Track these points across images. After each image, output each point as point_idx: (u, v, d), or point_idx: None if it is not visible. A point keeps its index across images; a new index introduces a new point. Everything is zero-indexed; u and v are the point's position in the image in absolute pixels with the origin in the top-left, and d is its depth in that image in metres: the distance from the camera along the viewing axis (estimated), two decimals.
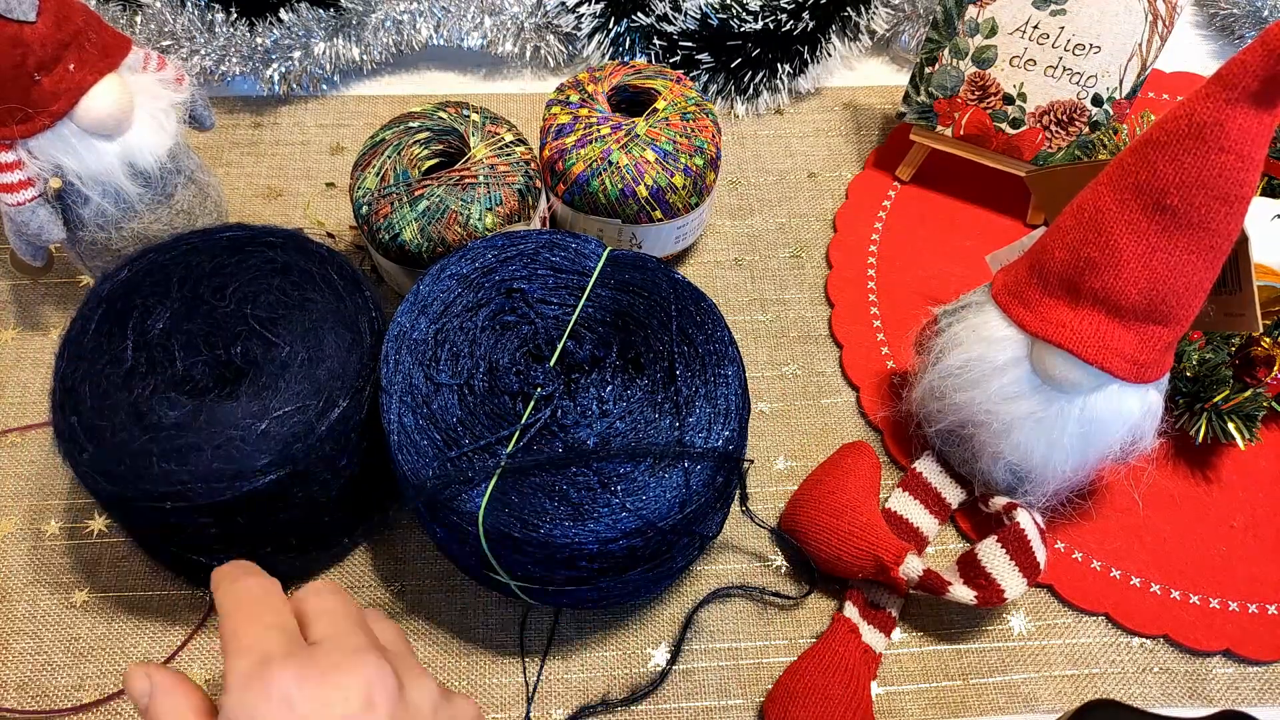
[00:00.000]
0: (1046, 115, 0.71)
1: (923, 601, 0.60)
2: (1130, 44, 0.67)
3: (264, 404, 0.50)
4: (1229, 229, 0.47)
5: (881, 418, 0.67)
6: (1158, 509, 0.63)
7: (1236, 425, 0.61)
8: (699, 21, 0.79)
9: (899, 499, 0.62)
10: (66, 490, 0.62)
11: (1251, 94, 0.44)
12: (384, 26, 0.82)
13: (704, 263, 0.75)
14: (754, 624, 0.59)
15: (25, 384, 0.66)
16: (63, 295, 0.71)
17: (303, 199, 0.77)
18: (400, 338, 0.53)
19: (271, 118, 0.82)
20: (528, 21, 0.84)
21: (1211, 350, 0.62)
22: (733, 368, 0.53)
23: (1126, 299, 0.49)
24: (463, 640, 0.58)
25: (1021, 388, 0.54)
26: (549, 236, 0.57)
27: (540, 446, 0.49)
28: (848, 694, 0.54)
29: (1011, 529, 0.56)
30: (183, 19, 0.79)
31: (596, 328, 0.54)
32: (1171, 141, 0.46)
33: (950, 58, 0.72)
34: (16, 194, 0.56)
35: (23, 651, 0.56)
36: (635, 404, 0.51)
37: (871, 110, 0.85)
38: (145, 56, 0.60)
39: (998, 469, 0.58)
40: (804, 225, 0.77)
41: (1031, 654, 0.59)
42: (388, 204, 0.61)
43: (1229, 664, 0.59)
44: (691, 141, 0.65)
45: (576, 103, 0.67)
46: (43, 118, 0.54)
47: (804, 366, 0.70)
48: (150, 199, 0.61)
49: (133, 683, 0.37)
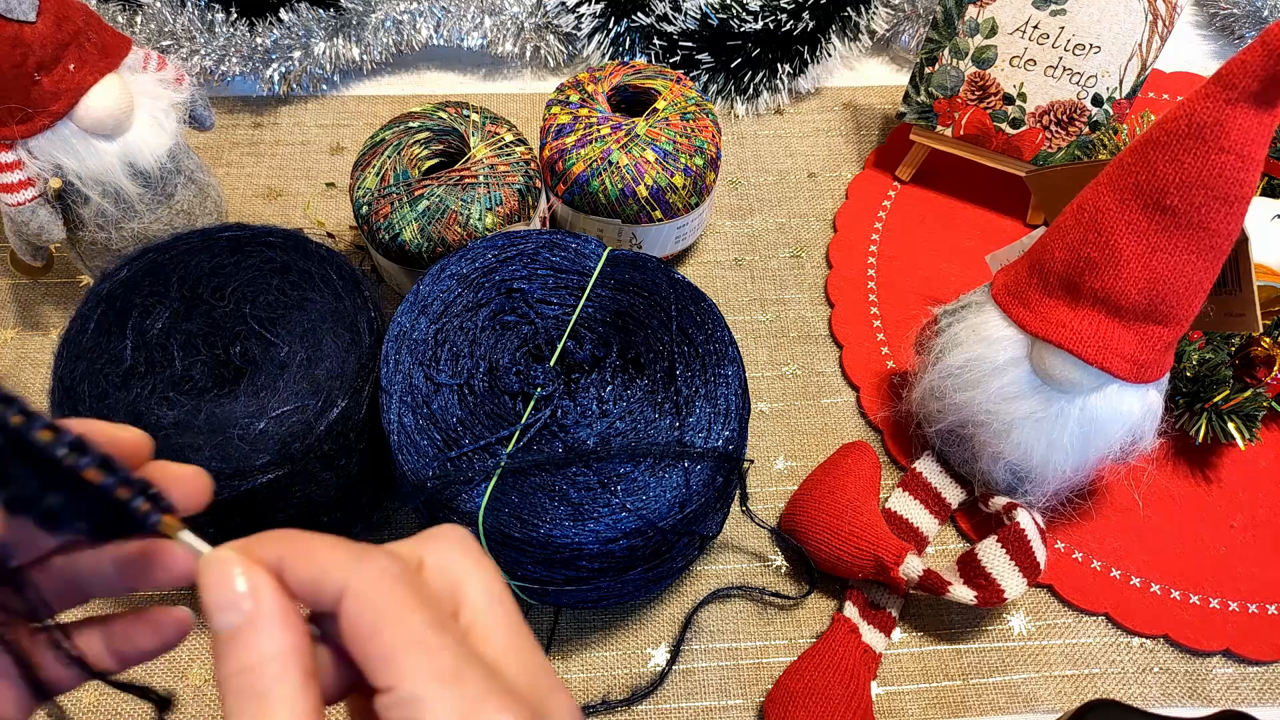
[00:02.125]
0: (1046, 115, 0.71)
1: (923, 601, 0.60)
2: (1130, 44, 0.67)
3: (262, 404, 0.50)
4: (1229, 229, 0.47)
5: (881, 418, 0.67)
6: (1158, 509, 0.63)
7: (1236, 425, 0.61)
8: (699, 21, 0.79)
9: (899, 499, 0.62)
10: None
11: (1251, 94, 0.44)
12: (384, 26, 0.82)
13: (704, 263, 0.75)
14: (754, 624, 0.59)
15: (25, 384, 0.66)
16: (63, 295, 0.71)
17: (303, 199, 0.77)
18: (400, 338, 0.53)
19: (271, 118, 0.82)
20: (528, 21, 0.84)
21: (1211, 350, 0.62)
22: (733, 368, 0.53)
23: (1126, 299, 0.49)
24: None
25: (1021, 388, 0.54)
26: (549, 236, 0.57)
27: (540, 446, 0.49)
28: (848, 694, 0.54)
29: (1011, 529, 0.56)
30: (183, 19, 0.79)
31: (596, 328, 0.54)
32: (1171, 141, 0.46)
33: (950, 58, 0.72)
34: (16, 194, 0.56)
35: None
36: (635, 404, 0.51)
37: (871, 110, 0.85)
38: (145, 56, 0.60)
39: (998, 469, 0.58)
40: (804, 225, 0.77)
41: (1031, 654, 0.59)
42: (388, 204, 0.61)
43: (1229, 664, 0.59)
44: (691, 141, 0.65)
45: (576, 103, 0.67)
46: (43, 118, 0.54)
47: (804, 366, 0.70)
48: (150, 199, 0.61)
49: (218, 586, 0.26)
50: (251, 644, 0.25)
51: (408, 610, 0.25)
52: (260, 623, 0.25)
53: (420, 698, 0.24)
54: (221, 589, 0.25)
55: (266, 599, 0.25)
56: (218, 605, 0.25)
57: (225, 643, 0.25)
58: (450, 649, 0.25)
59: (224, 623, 0.25)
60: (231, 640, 0.25)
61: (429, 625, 0.25)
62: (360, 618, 0.25)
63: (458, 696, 0.24)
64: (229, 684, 0.25)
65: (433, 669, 0.24)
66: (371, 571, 0.26)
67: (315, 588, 0.26)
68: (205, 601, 0.26)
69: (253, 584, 0.26)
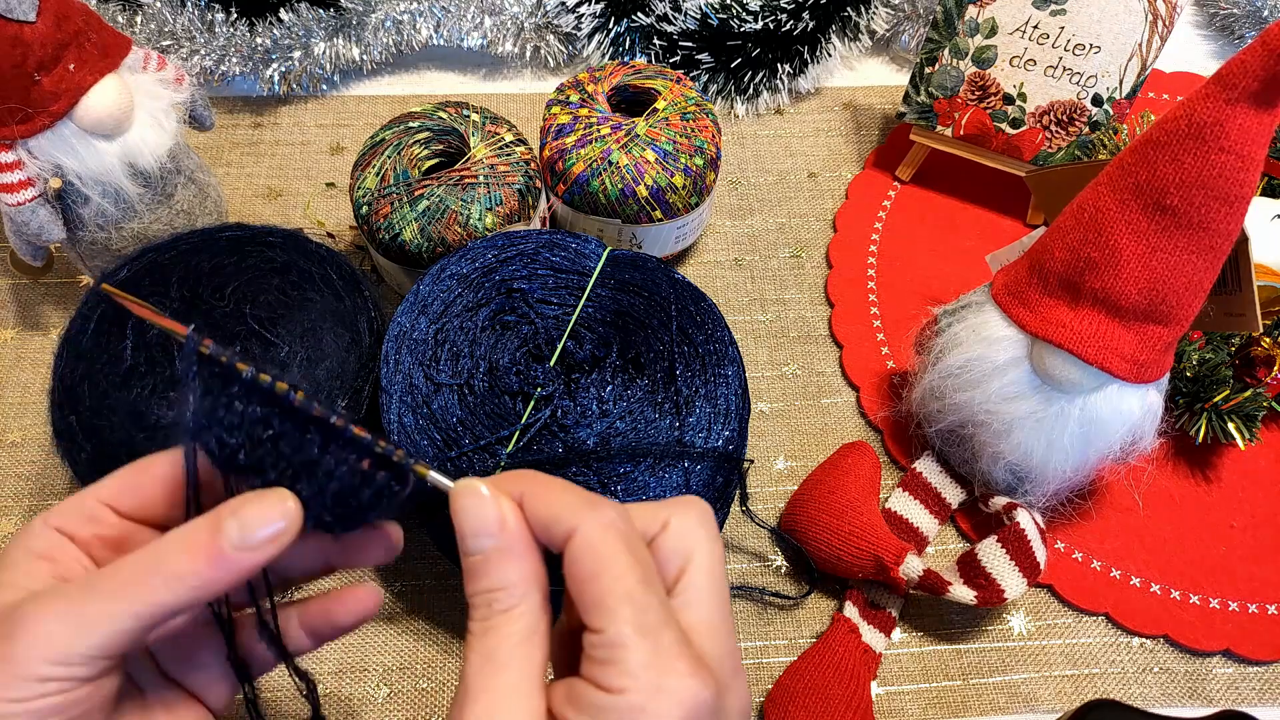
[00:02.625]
0: (1046, 115, 0.71)
1: (923, 601, 0.60)
2: (1130, 44, 0.67)
3: None
4: (1229, 229, 0.47)
5: (881, 418, 0.67)
6: (1158, 509, 0.63)
7: (1236, 425, 0.61)
8: (699, 21, 0.79)
9: (899, 499, 0.62)
10: (66, 490, 0.62)
11: (1251, 94, 0.44)
12: (384, 26, 0.82)
13: (704, 263, 0.75)
14: (754, 624, 0.59)
15: (25, 384, 0.66)
16: (63, 295, 0.71)
17: (303, 199, 0.77)
18: (400, 338, 0.53)
19: (271, 118, 0.82)
20: (528, 21, 0.84)
21: (1211, 350, 0.62)
22: (733, 368, 0.53)
23: (1126, 299, 0.49)
24: (463, 641, 0.58)
25: (1021, 388, 0.54)
26: (549, 236, 0.57)
27: (540, 446, 0.49)
28: (848, 694, 0.54)
29: (1011, 529, 0.56)
30: (183, 19, 0.79)
31: (596, 328, 0.54)
32: (1171, 141, 0.46)
33: (950, 58, 0.72)
34: (16, 194, 0.56)
35: None
36: (635, 404, 0.51)
37: (871, 110, 0.85)
38: (145, 56, 0.60)
39: (998, 469, 0.58)
40: (804, 225, 0.77)
41: (1031, 654, 0.59)
42: (388, 204, 0.61)
43: (1229, 664, 0.59)
44: (691, 141, 0.65)
45: (576, 103, 0.67)
46: (43, 118, 0.54)
47: (804, 366, 0.70)
48: (150, 199, 0.61)
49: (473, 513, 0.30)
50: (502, 567, 0.29)
51: (624, 565, 0.29)
52: (512, 548, 0.29)
53: (623, 644, 0.28)
54: (477, 516, 0.30)
55: (514, 528, 0.30)
56: (472, 530, 0.30)
57: (477, 565, 0.30)
58: (654, 609, 0.28)
59: (476, 546, 0.30)
60: (484, 562, 0.30)
61: (640, 582, 0.28)
62: (582, 561, 0.29)
63: (654, 650, 0.28)
64: (479, 599, 0.30)
65: (637, 621, 0.28)
66: (600, 521, 0.29)
67: (548, 525, 0.30)
68: (461, 526, 0.30)
69: (504, 514, 0.30)
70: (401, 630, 0.58)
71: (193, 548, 0.29)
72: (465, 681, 0.29)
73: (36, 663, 0.28)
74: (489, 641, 0.29)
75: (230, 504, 0.30)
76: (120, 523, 0.33)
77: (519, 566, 0.30)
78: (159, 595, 0.29)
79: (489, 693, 0.28)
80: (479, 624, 0.29)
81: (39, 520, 0.32)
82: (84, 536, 0.32)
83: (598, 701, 0.28)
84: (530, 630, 0.29)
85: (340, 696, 0.56)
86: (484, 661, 0.29)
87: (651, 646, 0.28)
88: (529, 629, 0.29)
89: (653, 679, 0.27)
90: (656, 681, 0.27)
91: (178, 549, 0.29)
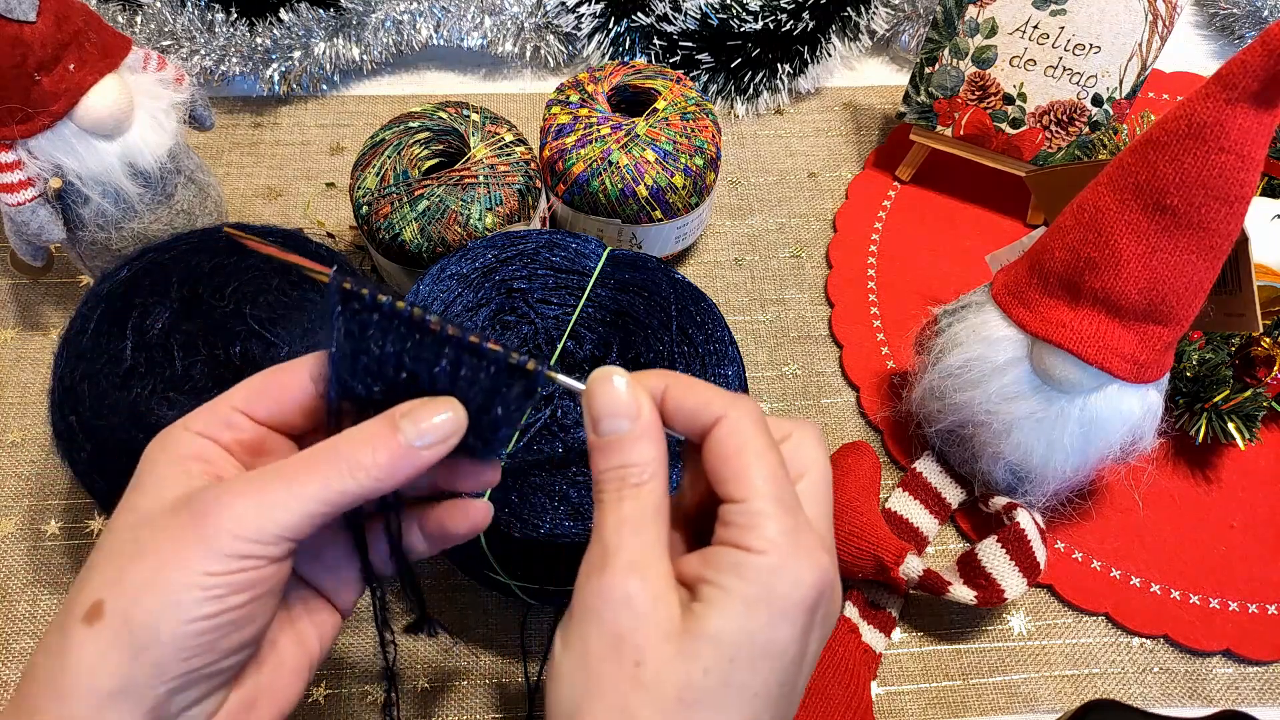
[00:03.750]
0: (1046, 115, 0.71)
1: (923, 601, 0.60)
2: (1130, 44, 0.67)
3: None
4: (1229, 229, 0.47)
5: (881, 418, 0.67)
6: (1158, 509, 0.63)
7: (1236, 425, 0.61)
8: (699, 21, 0.79)
9: (899, 499, 0.62)
10: (66, 490, 0.62)
11: (1251, 94, 0.44)
12: (384, 26, 0.82)
13: (704, 263, 0.75)
14: None
15: (25, 384, 0.66)
16: (63, 295, 0.71)
17: (303, 199, 0.77)
18: None
19: (271, 118, 0.82)
20: (528, 21, 0.84)
21: (1211, 350, 0.62)
22: (733, 368, 0.53)
23: (1126, 299, 0.49)
24: (463, 641, 0.58)
25: (1021, 388, 0.54)
26: (549, 236, 0.57)
27: (540, 446, 0.49)
28: (848, 694, 0.54)
29: (1011, 529, 0.56)
30: (183, 19, 0.79)
31: (596, 328, 0.54)
32: (1171, 141, 0.46)
33: (950, 58, 0.72)
34: (16, 194, 0.56)
35: (23, 651, 0.56)
36: None
37: (871, 110, 0.85)
38: (145, 56, 0.60)
39: (998, 469, 0.58)
40: (804, 225, 0.77)
41: (1031, 654, 0.59)
42: (388, 204, 0.61)
43: (1229, 664, 0.59)
44: (691, 141, 0.65)
45: (576, 103, 0.67)
46: (43, 118, 0.54)
47: (804, 366, 0.70)
48: (150, 199, 0.61)
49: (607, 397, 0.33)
50: (638, 446, 0.32)
51: (767, 446, 0.32)
52: (647, 431, 0.32)
53: (765, 512, 0.31)
54: (610, 399, 0.32)
55: (647, 414, 0.33)
56: (604, 413, 0.33)
57: (608, 445, 0.32)
58: (790, 491, 0.32)
59: (611, 427, 0.32)
60: (616, 443, 0.32)
61: (779, 464, 0.32)
62: (731, 439, 0.32)
63: (792, 522, 0.31)
64: (607, 475, 0.32)
65: (777, 495, 0.31)
66: (746, 408, 0.33)
67: (695, 413, 0.33)
68: (594, 408, 0.33)
69: (638, 400, 0.33)
70: (401, 630, 0.58)
71: (376, 442, 0.32)
72: (604, 543, 0.31)
73: (230, 539, 0.30)
74: (624, 509, 0.32)
75: (401, 407, 0.33)
76: (254, 427, 0.35)
77: (652, 447, 0.32)
78: (344, 483, 0.31)
79: (629, 550, 0.31)
80: (612, 495, 0.32)
81: (177, 426, 0.34)
82: (225, 440, 0.34)
83: (738, 560, 0.30)
84: (660, 504, 0.32)
85: (340, 696, 0.56)
86: (621, 524, 0.32)
87: (790, 519, 0.31)
88: (659, 503, 0.32)
89: (790, 545, 0.30)
90: (793, 548, 0.30)
91: (361, 442, 0.32)
